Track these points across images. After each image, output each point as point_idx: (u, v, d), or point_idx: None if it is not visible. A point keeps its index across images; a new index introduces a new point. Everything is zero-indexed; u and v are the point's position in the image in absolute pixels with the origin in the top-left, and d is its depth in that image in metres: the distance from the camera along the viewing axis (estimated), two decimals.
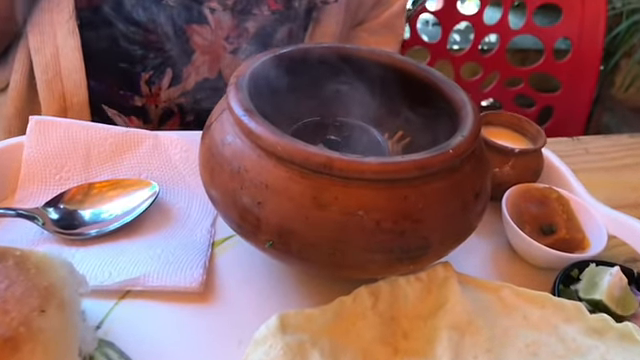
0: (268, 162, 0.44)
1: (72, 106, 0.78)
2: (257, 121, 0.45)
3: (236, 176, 0.45)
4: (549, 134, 1.35)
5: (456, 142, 0.45)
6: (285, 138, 0.43)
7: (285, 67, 0.55)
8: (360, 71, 0.58)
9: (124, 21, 0.74)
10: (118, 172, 0.59)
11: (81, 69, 0.75)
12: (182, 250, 0.53)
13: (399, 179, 0.43)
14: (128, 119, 0.83)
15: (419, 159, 0.43)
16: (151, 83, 0.80)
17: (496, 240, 0.62)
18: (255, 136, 0.44)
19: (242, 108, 0.46)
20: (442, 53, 1.32)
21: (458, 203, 0.46)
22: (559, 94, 1.33)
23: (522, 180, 0.62)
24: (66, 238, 0.53)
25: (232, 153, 0.46)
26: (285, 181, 0.43)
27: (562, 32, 1.28)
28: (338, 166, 0.42)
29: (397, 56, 0.57)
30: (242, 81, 0.49)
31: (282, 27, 0.83)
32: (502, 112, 0.67)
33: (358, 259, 0.44)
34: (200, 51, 0.79)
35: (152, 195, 0.56)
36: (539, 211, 0.58)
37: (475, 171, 0.48)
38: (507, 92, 1.35)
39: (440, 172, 0.44)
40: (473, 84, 1.35)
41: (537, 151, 0.63)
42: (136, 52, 0.77)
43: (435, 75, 0.55)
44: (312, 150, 0.42)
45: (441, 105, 0.54)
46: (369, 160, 0.42)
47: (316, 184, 0.43)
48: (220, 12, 0.77)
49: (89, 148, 0.59)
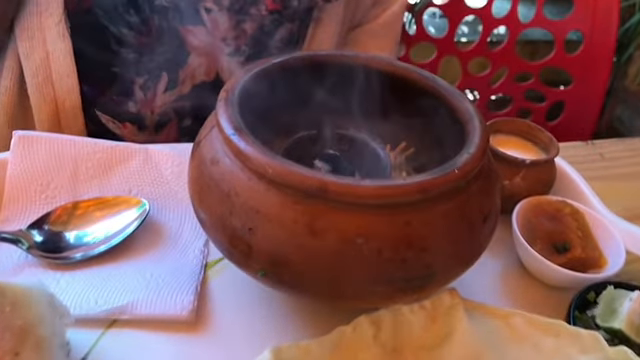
0: (259, 185, 0.41)
1: (64, 111, 0.75)
2: (247, 141, 0.42)
3: (225, 199, 0.42)
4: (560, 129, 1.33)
5: (462, 161, 0.42)
6: (276, 160, 0.40)
7: (279, 77, 0.52)
8: (360, 79, 0.54)
9: (115, 23, 0.71)
10: (107, 189, 0.57)
11: (72, 73, 0.73)
12: (172, 274, 0.50)
13: (400, 203, 0.40)
14: (122, 125, 0.80)
15: (422, 181, 0.40)
16: (146, 88, 0.77)
17: (506, 256, 0.58)
18: (244, 157, 0.41)
19: (231, 126, 0.43)
20: (449, 48, 1.28)
21: (465, 226, 0.43)
22: (571, 88, 1.29)
23: (533, 192, 0.58)
24: (51, 262, 0.50)
25: (221, 174, 0.43)
26: (277, 206, 0.40)
27: (573, 24, 1.24)
28: (333, 190, 0.39)
29: (399, 63, 0.54)
30: (232, 96, 0.46)
31: (281, 27, 0.80)
32: (512, 119, 0.64)
33: (357, 290, 0.41)
34: (196, 53, 0.76)
35: (141, 215, 0.53)
36: (552, 227, 0.54)
37: (483, 190, 0.44)
38: (517, 87, 1.31)
39: (445, 194, 0.41)
40: (482, 79, 1.31)
41: (549, 162, 0.59)
42: (129, 56, 0.74)
43: (440, 84, 0.52)
44: (305, 173, 0.39)
45: (446, 115, 0.51)
46: (367, 183, 0.39)
47: (310, 210, 0.40)
48: (216, 12, 0.74)
49: (76, 164, 0.56)
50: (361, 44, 0.90)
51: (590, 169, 0.72)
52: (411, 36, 1.26)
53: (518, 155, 0.59)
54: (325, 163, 0.51)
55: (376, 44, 0.90)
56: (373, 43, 0.90)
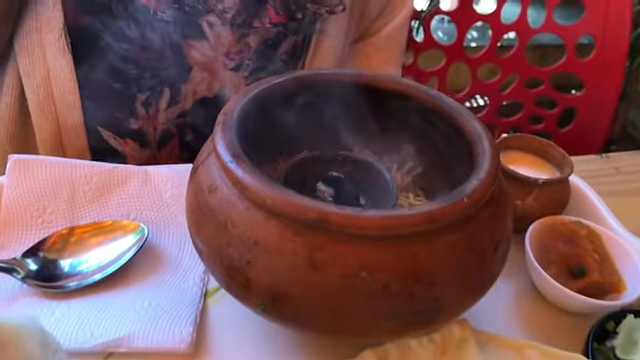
0: (257, 215, 0.39)
1: (66, 128, 0.74)
2: (245, 168, 0.40)
3: (222, 230, 0.40)
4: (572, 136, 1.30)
5: (471, 188, 0.40)
6: (275, 189, 0.38)
7: (280, 98, 0.50)
8: (364, 98, 0.52)
9: (116, 39, 0.70)
10: (105, 213, 0.55)
11: (74, 89, 0.72)
12: (171, 302, 0.49)
13: (406, 235, 0.38)
14: (124, 142, 0.79)
15: (429, 211, 0.38)
16: (148, 105, 0.76)
17: (519, 279, 0.56)
18: (242, 186, 0.39)
19: (229, 153, 0.41)
20: (458, 55, 1.25)
21: (475, 256, 0.40)
22: (583, 94, 1.26)
23: (547, 212, 0.56)
24: (46, 291, 0.48)
25: (218, 203, 0.41)
26: (276, 238, 0.38)
27: (585, 30, 1.22)
28: (335, 222, 0.37)
29: (405, 82, 0.52)
30: (230, 120, 0.44)
31: (285, 40, 0.78)
32: (522, 135, 0.61)
33: (362, 325, 0.39)
34: (198, 68, 0.75)
35: (139, 240, 0.51)
36: (567, 250, 0.52)
37: (494, 217, 0.42)
38: (527, 93, 1.28)
39: (453, 223, 0.39)
40: (491, 86, 1.29)
41: (563, 181, 0.57)
42: (130, 72, 0.72)
43: (446, 102, 0.49)
44: (305, 203, 0.37)
45: (454, 134, 0.49)
46: (371, 214, 0.37)
47: (311, 242, 0.38)
48: (219, 26, 0.72)
49: (73, 188, 0.55)
50: (365, 56, 0.88)
51: (605, 184, 0.69)
52: (419, 43, 1.23)
53: (530, 174, 0.57)
54: (328, 186, 0.49)
55: (380, 56, 0.89)
56: (377, 55, 0.88)
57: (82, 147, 0.77)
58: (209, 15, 0.70)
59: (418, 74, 1.24)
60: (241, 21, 0.72)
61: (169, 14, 0.69)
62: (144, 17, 0.69)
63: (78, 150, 0.77)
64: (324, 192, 0.49)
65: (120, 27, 0.69)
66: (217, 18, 0.71)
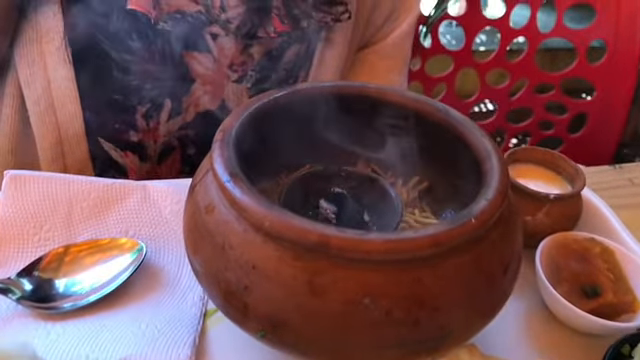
0: (255, 238, 0.37)
1: (67, 138, 0.73)
2: (243, 189, 0.38)
3: (219, 253, 0.39)
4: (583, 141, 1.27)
5: (479, 208, 0.38)
6: (274, 211, 0.36)
7: (281, 112, 0.49)
8: (369, 112, 0.51)
9: (117, 49, 0.69)
10: (103, 230, 0.54)
11: (75, 100, 0.71)
12: (169, 323, 0.47)
13: (411, 259, 0.36)
14: (124, 154, 0.78)
15: (435, 234, 0.36)
16: (149, 117, 0.75)
17: (530, 297, 0.54)
18: (240, 207, 0.38)
19: (227, 172, 0.39)
20: (466, 60, 1.23)
21: (483, 280, 0.39)
22: (593, 99, 1.25)
23: (558, 228, 0.54)
24: (41, 312, 0.47)
25: (215, 224, 0.39)
26: (275, 262, 0.37)
27: (596, 33, 1.19)
28: (336, 245, 0.35)
29: (411, 95, 0.50)
30: (228, 137, 0.43)
31: (289, 50, 0.76)
32: (533, 147, 0.59)
33: (365, 354, 0.37)
34: (201, 81, 0.73)
35: (137, 259, 0.50)
36: (580, 268, 0.50)
37: (503, 238, 0.40)
38: (537, 99, 1.26)
39: (460, 246, 0.37)
40: (500, 92, 1.27)
41: (575, 196, 0.55)
42: (131, 83, 0.71)
43: (454, 117, 0.48)
44: (305, 226, 0.35)
45: (461, 150, 0.47)
46: (374, 237, 0.35)
47: (311, 266, 0.36)
48: (223, 37, 0.71)
49: (71, 205, 0.54)
50: (370, 64, 0.86)
51: (618, 196, 0.67)
52: (426, 49, 1.22)
53: (541, 188, 0.55)
54: (331, 203, 0.47)
55: (385, 64, 0.87)
56: (382, 63, 0.87)
57: (83, 157, 0.76)
58: (212, 26, 0.69)
59: (426, 80, 1.22)
60: (245, 31, 0.70)
61: (171, 24, 0.67)
62: (145, 27, 0.68)
63: (79, 160, 0.76)
64: (327, 209, 0.47)
65: (121, 37, 0.68)
66: (221, 29, 0.69)
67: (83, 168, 0.77)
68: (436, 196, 0.54)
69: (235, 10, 0.68)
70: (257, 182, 0.52)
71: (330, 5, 0.74)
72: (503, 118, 1.28)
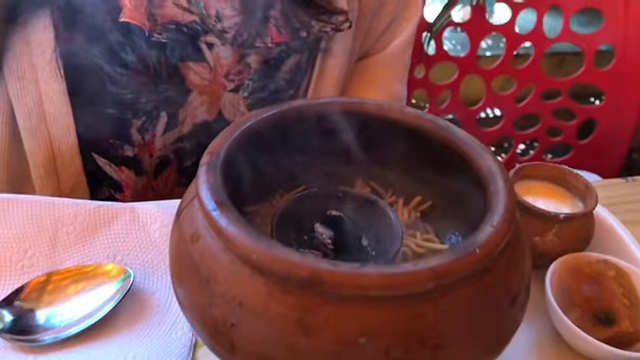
0: (242, 271, 0.35)
1: (61, 154, 0.71)
2: (230, 218, 0.36)
3: (204, 287, 0.36)
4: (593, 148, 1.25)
5: (484, 237, 0.35)
6: (262, 242, 0.34)
7: (274, 131, 0.46)
8: (367, 130, 0.48)
9: (110, 62, 0.67)
10: (89, 255, 0.51)
11: (68, 114, 0.68)
12: (158, 355, 0.45)
13: (410, 294, 0.33)
14: (118, 169, 0.75)
15: (436, 267, 0.33)
16: (144, 131, 0.72)
17: (540, 322, 0.51)
18: (226, 238, 0.35)
19: (213, 199, 0.37)
20: (471, 67, 1.21)
21: (489, 313, 0.36)
22: (602, 105, 1.23)
23: (569, 249, 0.51)
24: (22, 345, 0.45)
25: (201, 255, 0.37)
26: (263, 298, 0.34)
27: (603, 38, 1.17)
28: (328, 281, 0.32)
29: (411, 111, 0.47)
30: (216, 161, 0.40)
31: (288, 59, 0.74)
32: (541, 163, 0.56)
33: None
34: (197, 91, 0.71)
35: (124, 287, 0.48)
36: (593, 293, 0.47)
37: (510, 267, 0.38)
38: (545, 105, 1.24)
39: (464, 278, 0.34)
40: (506, 99, 1.25)
41: (587, 215, 0.51)
42: (125, 97, 0.69)
43: (457, 135, 0.45)
44: (295, 260, 0.33)
45: (465, 169, 0.44)
46: (370, 271, 0.32)
47: (302, 303, 0.33)
48: (219, 47, 0.69)
49: (56, 229, 0.51)
50: (371, 74, 0.84)
51: (632, 211, 0.64)
52: (430, 56, 1.19)
53: (550, 206, 0.52)
54: (327, 228, 0.45)
55: (386, 73, 0.85)
56: (383, 72, 0.85)
57: (77, 173, 0.74)
58: (208, 36, 0.66)
59: (430, 87, 1.20)
60: (242, 41, 0.68)
61: (165, 36, 0.65)
62: (139, 39, 0.66)
63: (73, 175, 0.74)
64: (322, 234, 0.44)
65: (114, 50, 0.66)
66: (216, 38, 0.67)
67: (77, 184, 0.75)
68: (439, 216, 0.51)
69: (231, 20, 0.66)
70: (250, 204, 0.50)
71: (330, 15, 0.71)
72: (510, 125, 1.26)
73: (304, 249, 0.45)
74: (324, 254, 0.44)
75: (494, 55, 1.21)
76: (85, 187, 0.75)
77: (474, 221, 0.39)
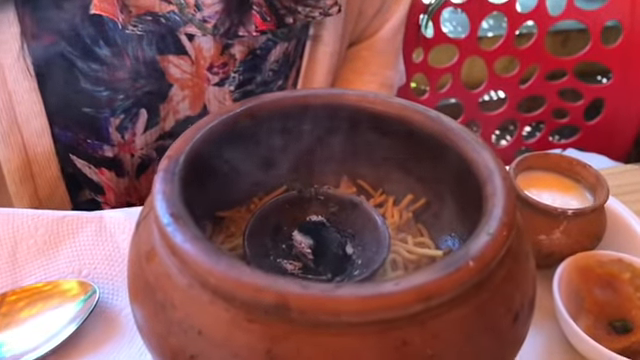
0: (201, 296, 0.30)
1: (36, 158, 0.67)
2: (186, 233, 0.31)
3: (160, 313, 0.32)
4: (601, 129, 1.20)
5: (479, 247, 0.30)
6: (221, 263, 0.29)
7: (247, 128, 0.41)
8: (350, 124, 0.43)
9: (83, 58, 0.62)
10: (53, 271, 0.47)
11: (41, 114, 0.64)
12: None
13: (394, 318, 0.28)
14: (99, 171, 0.72)
15: (422, 285, 0.28)
16: (123, 129, 0.68)
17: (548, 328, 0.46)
18: (181, 257, 0.30)
19: (168, 211, 0.32)
20: (472, 49, 1.16)
21: (488, 335, 0.31)
22: (610, 84, 1.17)
23: (578, 248, 0.46)
24: None
25: (156, 277, 0.32)
26: (226, 326, 0.29)
27: (610, 14, 1.12)
28: (297, 307, 0.28)
29: (397, 102, 0.42)
30: (174, 167, 0.35)
31: (275, 48, 0.70)
32: (546, 153, 0.51)
33: None
34: (179, 86, 0.67)
35: (88, 305, 0.43)
36: (606, 298, 0.43)
37: (511, 280, 0.33)
38: (549, 86, 1.19)
39: (456, 297, 0.30)
40: (509, 81, 1.20)
41: (597, 210, 0.46)
42: (101, 94, 0.65)
43: (449, 127, 0.40)
44: (258, 283, 0.28)
45: (459, 164, 0.39)
46: (345, 294, 0.28)
47: (270, 332, 0.29)
48: (200, 38, 0.64)
49: (15, 243, 0.47)
50: (363, 61, 0.81)
51: None
52: (429, 39, 1.14)
53: (557, 200, 0.47)
54: (306, 235, 0.40)
55: (378, 60, 0.81)
56: (375, 59, 0.81)
57: (55, 177, 0.70)
58: (188, 26, 0.62)
59: (430, 71, 1.16)
60: (224, 30, 0.63)
61: (141, 28, 0.60)
62: (113, 33, 0.61)
63: (50, 180, 0.70)
64: (301, 243, 0.40)
65: (87, 45, 0.62)
66: (197, 29, 0.62)
67: (55, 188, 0.71)
68: (434, 216, 0.46)
69: (211, 8, 0.61)
70: (225, 209, 0.46)
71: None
72: (514, 107, 1.21)
73: (282, 260, 0.40)
74: (304, 265, 0.40)
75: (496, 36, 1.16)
76: (64, 191, 0.72)
77: (472, 221, 0.34)
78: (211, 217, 0.45)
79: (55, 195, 0.71)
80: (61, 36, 0.61)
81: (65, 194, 0.72)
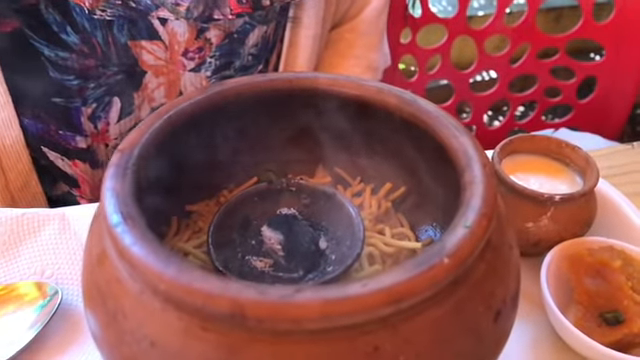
0: (153, 303, 0.27)
1: (5, 151, 0.64)
2: (136, 235, 0.28)
3: (112, 321, 0.29)
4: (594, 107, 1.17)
5: (455, 241, 0.28)
6: (171, 267, 0.27)
7: (211, 117, 0.38)
8: (322, 109, 0.41)
9: (49, 46, 0.59)
10: (13, 273, 0.44)
11: (8, 104, 0.62)
12: None
13: (361, 323, 0.26)
14: (72, 163, 0.69)
15: (392, 286, 0.26)
16: (95, 118, 0.66)
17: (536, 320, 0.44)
18: (130, 261, 0.28)
19: (117, 210, 0.30)
20: (461, 28, 1.13)
21: (466, 337, 0.29)
22: (603, 61, 1.15)
23: (567, 235, 0.44)
24: None
25: (107, 282, 0.30)
26: (180, 336, 0.27)
27: None
28: (254, 314, 0.25)
29: (372, 85, 0.39)
30: (127, 161, 0.33)
31: (253, 32, 0.67)
32: (532, 135, 0.49)
33: None
34: (153, 72, 0.64)
35: (49, 309, 0.41)
36: (596, 288, 0.40)
37: (492, 275, 0.30)
38: (541, 64, 1.17)
39: (431, 297, 0.27)
40: (500, 59, 1.18)
41: (587, 194, 0.44)
42: (71, 83, 0.62)
43: (426, 111, 0.37)
44: (211, 289, 0.26)
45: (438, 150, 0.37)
46: (306, 298, 0.25)
47: (227, 341, 0.26)
48: (173, 22, 0.61)
49: None
50: (346, 43, 0.78)
51: (636, 182, 0.57)
52: (416, 19, 1.11)
53: (544, 186, 0.45)
54: (276, 230, 0.37)
55: (363, 42, 0.79)
56: (359, 41, 0.79)
57: (26, 170, 0.67)
58: (160, 10, 0.59)
59: (418, 52, 1.13)
60: (198, 14, 0.60)
61: (110, 13, 0.57)
62: (80, 18, 0.58)
63: (22, 173, 0.67)
64: (270, 239, 0.37)
65: (53, 32, 0.59)
66: (170, 13, 0.59)
67: (27, 182, 0.68)
68: (415, 204, 0.44)
69: None
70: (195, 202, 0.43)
71: None
72: (506, 87, 1.19)
73: (251, 257, 0.38)
74: (275, 262, 0.37)
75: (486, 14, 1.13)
76: (37, 186, 0.69)
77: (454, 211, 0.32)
78: (180, 211, 0.43)
79: (27, 189, 0.69)
80: (25, 23, 0.58)
81: (38, 187, 0.70)
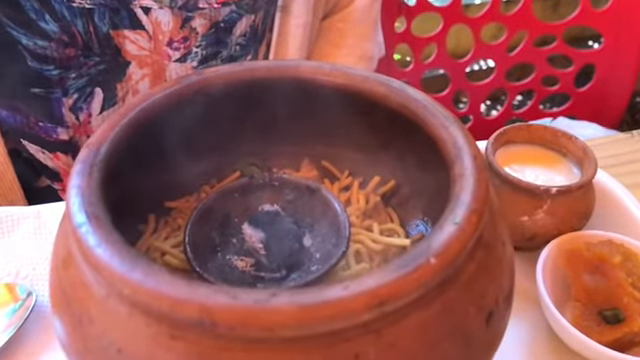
0: (119, 309, 0.26)
1: None
2: (101, 236, 0.26)
3: (78, 326, 0.27)
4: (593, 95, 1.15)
5: (443, 240, 0.26)
6: (138, 270, 0.25)
7: (188, 108, 0.36)
8: (306, 100, 0.39)
9: (28, 35, 0.57)
10: None
11: None
12: None
13: (342, 329, 0.24)
14: (53, 155, 0.67)
15: (374, 288, 0.24)
16: (77, 110, 0.64)
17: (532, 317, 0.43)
18: (94, 264, 0.26)
19: (81, 209, 0.28)
20: (457, 16, 1.12)
21: (455, 340, 0.27)
22: (601, 48, 1.13)
23: (564, 228, 0.42)
24: None
25: (72, 286, 0.28)
26: (147, 343, 0.25)
27: None
28: (224, 321, 0.23)
29: (357, 73, 0.37)
30: (95, 157, 0.31)
31: (240, 21, 0.65)
32: (528, 125, 0.47)
33: None
34: (137, 63, 0.62)
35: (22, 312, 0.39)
36: (595, 285, 0.38)
37: (483, 274, 0.28)
38: (538, 52, 1.15)
39: (416, 300, 0.25)
40: (497, 48, 1.16)
41: (584, 186, 0.42)
42: (50, 73, 0.60)
43: (414, 99, 0.35)
44: (179, 294, 0.24)
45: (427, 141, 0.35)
46: (281, 303, 0.23)
47: (197, 350, 0.24)
48: (157, 11, 0.59)
49: None
50: (339, 32, 0.77)
51: (636, 172, 0.55)
52: (411, 7, 1.09)
53: (540, 177, 0.43)
54: (257, 228, 0.35)
55: (355, 31, 0.77)
56: (352, 31, 0.77)
57: (4, 163, 0.65)
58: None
59: (413, 41, 1.11)
60: (182, 2, 0.59)
61: (91, 1, 0.56)
62: (59, 6, 0.56)
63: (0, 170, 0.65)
64: (251, 237, 0.35)
65: (31, 20, 0.56)
66: (152, 1, 0.58)
67: (3, 175, 0.66)
68: (405, 198, 0.42)
69: None
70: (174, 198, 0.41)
71: None
72: (503, 76, 1.17)
73: (232, 256, 0.36)
74: (257, 262, 0.35)
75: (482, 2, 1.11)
76: (15, 181, 0.67)
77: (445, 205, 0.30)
78: (159, 209, 0.41)
79: (3, 182, 0.67)
80: (1, 10, 0.56)
81: (15, 181, 0.67)
